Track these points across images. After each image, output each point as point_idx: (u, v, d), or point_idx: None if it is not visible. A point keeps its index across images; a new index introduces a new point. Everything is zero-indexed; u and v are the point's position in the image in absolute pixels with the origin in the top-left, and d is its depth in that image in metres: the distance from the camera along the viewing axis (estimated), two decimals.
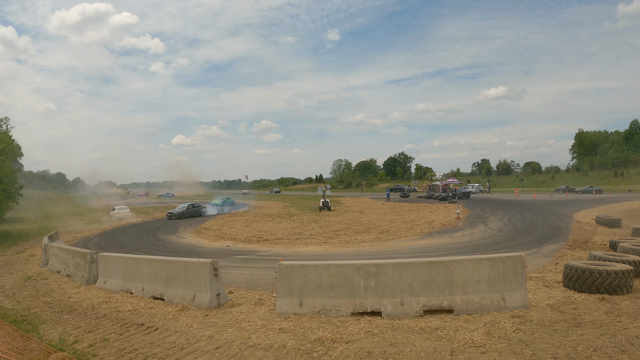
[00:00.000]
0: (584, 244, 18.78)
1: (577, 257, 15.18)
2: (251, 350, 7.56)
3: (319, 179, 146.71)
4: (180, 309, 10.59)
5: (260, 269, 16.81)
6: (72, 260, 16.36)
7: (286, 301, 9.84)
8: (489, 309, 8.99)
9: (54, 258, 18.82)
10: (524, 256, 9.42)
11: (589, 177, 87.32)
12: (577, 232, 22.78)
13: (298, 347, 7.57)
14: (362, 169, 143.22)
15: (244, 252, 21.80)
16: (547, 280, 11.94)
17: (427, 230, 27.99)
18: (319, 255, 19.42)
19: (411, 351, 6.98)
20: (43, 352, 7.23)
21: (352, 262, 9.89)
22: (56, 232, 25.36)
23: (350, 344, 7.59)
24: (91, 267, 14.77)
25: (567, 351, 6.63)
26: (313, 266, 9.88)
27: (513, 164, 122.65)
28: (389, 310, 9.17)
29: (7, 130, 35.75)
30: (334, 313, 9.38)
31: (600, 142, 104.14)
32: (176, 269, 11.70)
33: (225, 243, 25.68)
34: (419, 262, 9.44)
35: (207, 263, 10.89)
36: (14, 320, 10.23)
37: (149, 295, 12.11)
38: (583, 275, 10.26)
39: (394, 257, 14.75)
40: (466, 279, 9.20)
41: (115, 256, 14.47)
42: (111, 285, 13.61)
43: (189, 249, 23.81)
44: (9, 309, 11.94)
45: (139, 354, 7.69)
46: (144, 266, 12.71)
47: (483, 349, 6.96)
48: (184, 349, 7.86)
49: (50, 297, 13.19)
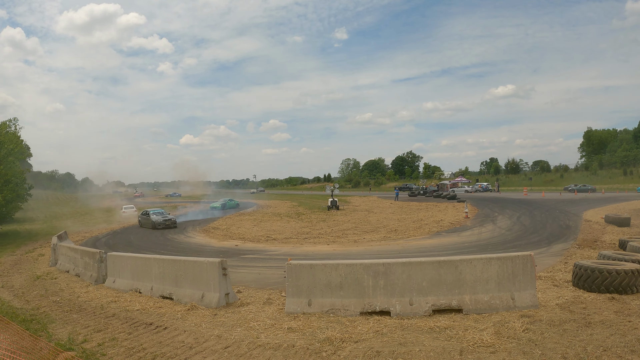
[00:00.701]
0: (593, 243, 18.67)
1: (587, 257, 15.10)
2: (260, 350, 7.56)
3: (327, 178, 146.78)
4: (189, 308, 10.61)
5: (268, 268, 16.82)
6: (81, 260, 16.44)
7: (295, 300, 9.83)
8: (498, 308, 8.95)
9: (63, 258, 18.91)
10: (533, 255, 9.37)
11: (597, 175, 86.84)
12: (586, 231, 22.66)
13: (307, 346, 7.56)
14: (370, 168, 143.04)
15: (253, 252, 21.82)
16: (556, 279, 11.88)
17: (435, 229, 27.91)
18: (327, 255, 19.40)
19: (420, 351, 6.96)
20: (52, 351, 7.27)
21: (360, 262, 9.88)
22: (65, 231, 25.48)
23: (359, 343, 7.58)
24: (100, 266, 14.83)
25: (577, 351, 6.59)
26: (322, 265, 9.87)
27: (522, 163, 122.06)
28: (398, 310, 9.16)
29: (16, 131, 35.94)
30: (343, 312, 9.37)
31: (609, 140, 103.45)
32: (185, 269, 11.72)
33: (234, 242, 25.71)
34: (428, 262, 9.42)
35: (216, 262, 10.90)
36: (23, 320, 10.30)
37: (158, 294, 12.14)
38: (592, 275, 10.19)
39: (402, 256, 14.73)
40: (475, 279, 9.16)
41: (124, 256, 14.53)
42: (120, 284, 13.66)
43: (197, 249, 23.86)
44: (18, 308, 12.01)
45: (147, 353, 7.71)
46: (152, 266, 12.75)
47: (492, 348, 6.93)
48: (193, 348, 7.87)
49: (59, 297, 13.26)
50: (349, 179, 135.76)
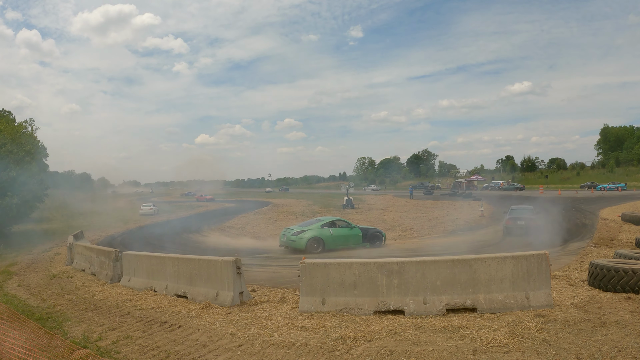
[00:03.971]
0: (610, 241, 18.46)
1: (603, 255, 14.94)
2: (273, 349, 7.58)
3: (343, 176, 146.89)
4: (203, 306, 10.66)
5: (283, 267, 16.85)
6: (97, 259, 16.57)
7: (309, 299, 9.85)
8: (512, 307, 8.90)
9: (78, 256, 19.08)
10: (548, 254, 9.29)
11: (614, 173, 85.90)
12: (602, 229, 22.43)
13: (320, 345, 7.57)
14: (385, 166, 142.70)
15: (267, 251, 21.88)
16: (571, 278, 11.76)
17: (450, 227, 27.87)
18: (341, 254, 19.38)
19: (433, 350, 6.94)
20: (67, 349, 7.33)
21: (374, 260, 9.87)
22: (81, 231, 25.68)
23: (372, 342, 7.57)
24: (115, 265, 14.94)
25: (592, 351, 6.53)
26: (336, 264, 9.87)
27: (537, 161, 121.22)
28: (412, 309, 9.13)
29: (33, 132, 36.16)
30: (357, 311, 9.37)
31: (626, 137, 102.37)
32: (199, 267, 11.78)
33: (249, 241, 25.80)
34: (442, 260, 9.38)
35: (230, 261, 10.94)
36: (39, 318, 10.40)
37: (173, 293, 12.22)
38: (608, 274, 10.07)
39: (417, 255, 14.68)
40: (490, 278, 9.11)
41: (139, 254, 14.62)
42: (135, 283, 13.77)
43: (212, 247, 23.94)
44: (34, 306, 12.13)
45: (161, 351, 7.77)
46: (167, 264, 12.83)
47: (506, 348, 6.89)
48: (207, 346, 7.91)
49: (74, 295, 13.38)
50: (365, 177, 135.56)
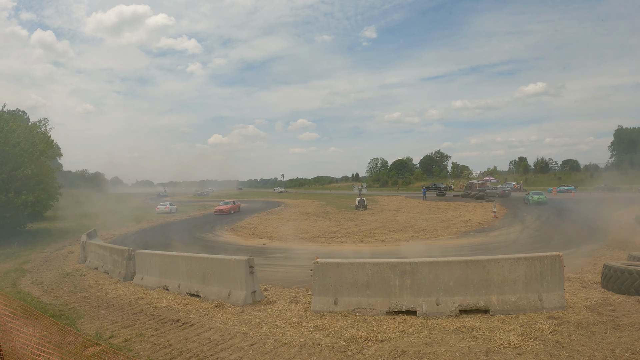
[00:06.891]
0: (623, 244, 18.27)
1: (616, 258, 14.79)
2: (285, 348, 7.61)
3: (355, 177, 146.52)
4: (216, 305, 10.70)
5: (295, 267, 16.85)
6: (110, 257, 16.70)
7: (321, 299, 9.86)
8: (525, 309, 8.85)
9: (92, 255, 19.24)
10: (562, 256, 9.24)
11: (628, 175, 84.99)
12: (616, 231, 22.18)
13: (332, 345, 7.58)
14: (398, 167, 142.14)
15: (280, 250, 21.91)
16: (585, 280, 11.67)
17: (463, 229, 27.71)
18: (354, 254, 19.36)
19: (446, 351, 6.92)
20: (80, 345, 7.40)
21: (387, 261, 9.86)
22: (94, 229, 25.90)
23: (384, 342, 7.58)
24: (128, 263, 15.05)
25: (605, 354, 6.48)
26: (349, 264, 9.88)
27: (551, 162, 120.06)
28: (424, 310, 9.12)
29: (47, 131, 36.39)
30: (369, 311, 9.37)
31: None
32: (212, 266, 11.84)
33: (261, 241, 25.84)
34: (455, 261, 9.36)
35: (243, 260, 10.98)
36: (52, 315, 10.48)
37: (185, 291, 12.28)
38: (622, 276, 9.99)
39: (430, 256, 14.64)
40: (503, 279, 9.07)
41: (152, 253, 14.71)
42: (148, 281, 13.85)
43: (225, 247, 24.01)
44: (47, 304, 12.25)
45: (174, 350, 7.82)
46: (180, 263, 12.89)
47: (519, 350, 6.86)
48: (219, 345, 7.96)
49: (87, 293, 13.50)
50: (377, 178, 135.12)
